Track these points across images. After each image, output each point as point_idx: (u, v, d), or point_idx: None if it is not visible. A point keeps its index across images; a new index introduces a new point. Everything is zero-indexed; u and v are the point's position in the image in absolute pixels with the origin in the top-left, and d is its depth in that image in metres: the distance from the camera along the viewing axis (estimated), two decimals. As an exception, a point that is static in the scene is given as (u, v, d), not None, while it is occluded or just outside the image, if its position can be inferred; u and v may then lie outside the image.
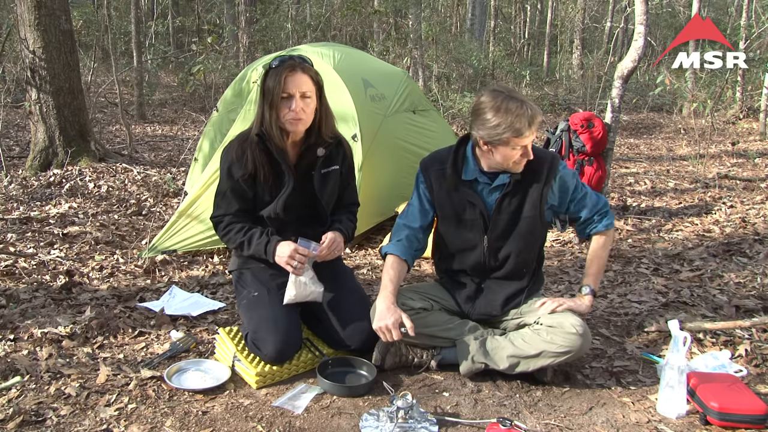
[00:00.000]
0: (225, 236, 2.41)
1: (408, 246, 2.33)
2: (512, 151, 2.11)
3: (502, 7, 19.98)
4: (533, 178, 2.22)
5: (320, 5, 15.20)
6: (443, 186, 2.28)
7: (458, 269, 2.37)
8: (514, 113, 2.05)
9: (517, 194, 2.23)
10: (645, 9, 4.34)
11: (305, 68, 2.28)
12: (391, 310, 2.16)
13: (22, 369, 2.26)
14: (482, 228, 2.26)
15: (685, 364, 2.03)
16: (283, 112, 2.26)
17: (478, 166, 2.24)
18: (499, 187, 2.23)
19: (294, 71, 2.24)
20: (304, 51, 4.26)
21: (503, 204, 2.23)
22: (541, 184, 2.22)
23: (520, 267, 2.31)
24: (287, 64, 2.25)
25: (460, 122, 9.39)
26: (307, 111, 2.28)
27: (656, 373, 2.31)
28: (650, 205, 5.03)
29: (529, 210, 2.23)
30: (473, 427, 1.99)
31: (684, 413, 2.04)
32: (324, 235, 2.36)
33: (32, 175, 5.46)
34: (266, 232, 2.35)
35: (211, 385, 2.18)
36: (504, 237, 2.26)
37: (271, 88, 2.25)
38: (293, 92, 2.23)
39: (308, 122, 2.31)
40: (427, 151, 4.40)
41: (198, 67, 8.19)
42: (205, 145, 4.71)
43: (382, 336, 2.17)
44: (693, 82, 9.76)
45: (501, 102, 2.07)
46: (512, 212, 2.24)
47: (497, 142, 2.10)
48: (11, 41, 7.80)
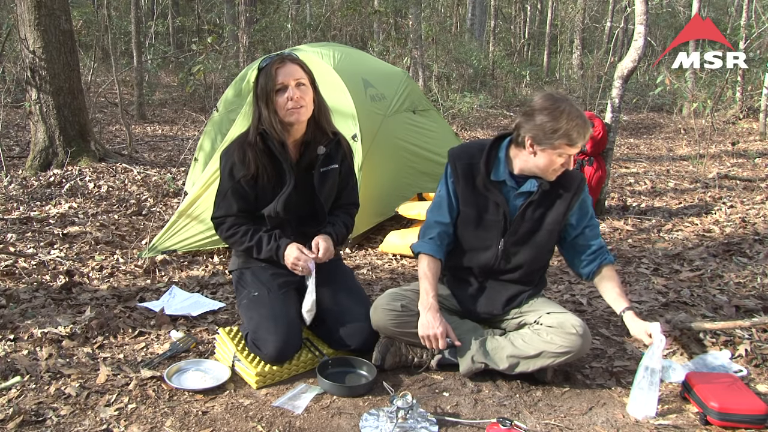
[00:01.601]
0: (230, 238, 2.41)
1: (440, 244, 2.29)
2: (557, 158, 2.08)
3: (502, 7, 19.97)
4: (561, 192, 2.20)
5: (320, 5, 15.20)
6: (469, 182, 2.25)
7: (466, 266, 2.34)
8: (573, 122, 2.03)
9: (542, 204, 2.21)
10: (645, 9, 4.35)
11: (293, 59, 2.30)
12: (438, 319, 2.15)
13: (22, 369, 2.26)
14: (501, 230, 2.24)
15: (659, 367, 2.02)
16: (281, 105, 2.26)
17: (508, 168, 2.22)
18: (525, 194, 2.21)
19: (283, 63, 2.27)
20: (304, 51, 4.27)
21: (527, 211, 2.21)
22: (567, 200, 2.21)
23: (528, 274, 2.31)
24: (274, 59, 2.29)
25: (460, 122, 9.41)
26: (306, 99, 2.28)
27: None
28: (650, 205, 5.03)
29: (550, 222, 2.22)
30: (473, 427, 1.99)
31: (653, 415, 2.03)
32: (313, 241, 2.36)
33: (32, 175, 5.46)
34: (273, 236, 2.35)
35: (211, 385, 2.18)
36: (521, 243, 2.25)
37: (264, 84, 2.26)
38: (287, 82, 2.24)
39: (309, 110, 2.31)
40: (427, 152, 4.49)
41: (198, 67, 8.18)
42: (206, 144, 4.71)
43: (427, 344, 2.17)
44: (693, 82, 9.76)
45: (563, 108, 2.04)
46: (535, 221, 2.22)
47: (547, 146, 2.07)
48: (11, 41, 7.80)
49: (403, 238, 3.75)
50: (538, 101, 2.10)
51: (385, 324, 2.27)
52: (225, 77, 10.50)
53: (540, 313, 2.24)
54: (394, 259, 3.74)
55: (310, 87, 2.31)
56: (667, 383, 2.27)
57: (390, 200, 4.03)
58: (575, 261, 2.31)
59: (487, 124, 10.14)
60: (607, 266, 2.27)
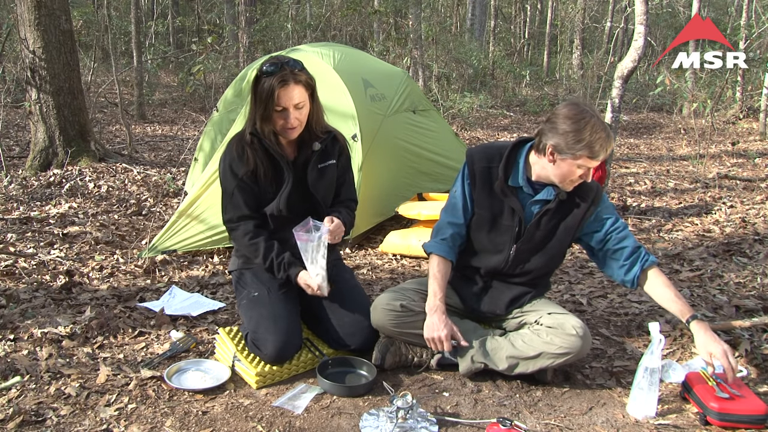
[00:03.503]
0: (249, 248, 2.37)
1: (452, 245, 2.28)
2: (577, 169, 2.06)
3: (502, 7, 19.98)
4: (578, 201, 2.19)
5: (320, 5, 15.21)
6: (486, 185, 2.23)
7: (474, 266, 2.34)
8: (597, 134, 2.00)
9: (558, 213, 2.20)
10: (645, 9, 4.34)
11: (297, 79, 2.21)
12: (443, 321, 2.15)
13: (22, 369, 2.26)
14: (514, 236, 2.23)
15: (658, 367, 2.02)
16: (277, 123, 2.26)
17: (526, 174, 2.20)
18: (541, 201, 2.20)
19: (286, 85, 2.18)
20: (304, 51, 4.27)
21: (543, 219, 2.20)
22: (583, 210, 2.19)
23: (535, 278, 2.31)
24: (278, 76, 2.17)
25: (460, 122, 9.40)
26: (301, 119, 2.27)
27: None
28: (650, 205, 5.03)
29: (563, 232, 2.21)
30: (473, 427, 1.99)
31: (653, 415, 2.04)
32: (327, 217, 2.31)
33: (32, 175, 5.46)
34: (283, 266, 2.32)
35: (211, 385, 2.18)
36: (533, 251, 2.24)
37: (264, 99, 2.20)
38: (287, 106, 2.21)
39: (302, 128, 2.31)
40: (427, 151, 4.49)
41: (198, 67, 8.18)
42: (206, 144, 4.71)
43: (433, 346, 2.17)
44: (693, 82, 9.75)
45: (588, 119, 2.01)
46: (549, 230, 2.21)
47: (568, 155, 2.03)
48: (11, 41, 7.80)
49: (403, 238, 3.76)
50: (564, 110, 2.06)
51: (384, 323, 2.27)
52: (225, 77, 10.50)
53: (541, 313, 2.24)
54: (394, 259, 3.74)
55: (308, 104, 2.28)
56: (666, 383, 2.27)
57: (390, 200, 4.03)
58: (615, 270, 2.22)
59: (487, 124, 10.14)
60: (651, 269, 2.17)
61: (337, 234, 2.31)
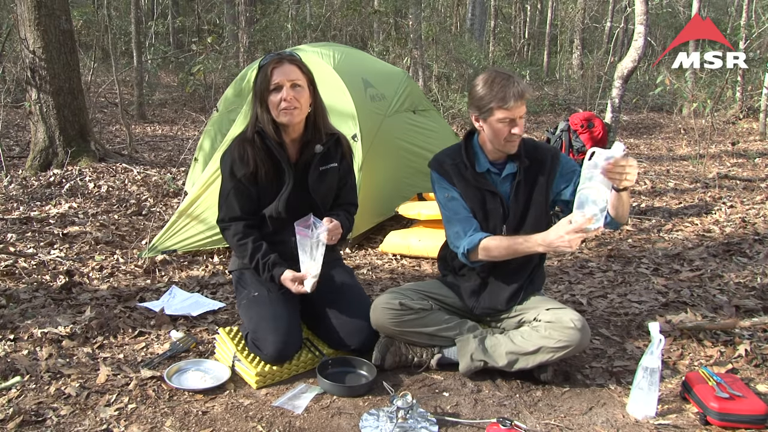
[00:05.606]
0: (238, 249, 2.39)
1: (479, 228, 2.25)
2: (499, 124, 2.15)
3: (502, 7, 19.99)
4: (539, 166, 2.26)
5: (320, 5, 15.21)
6: (461, 179, 2.29)
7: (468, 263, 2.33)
8: (499, 85, 2.12)
9: (527, 182, 2.26)
10: (645, 9, 4.35)
11: (292, 59, 2.29)
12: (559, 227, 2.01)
13: (22, 369, 2.26)
14: (501, 217, 2.28)
15: (658, 367, 2.02)
16: (274, 104, 2.25)
17: (487, 158, 2.28)
18: (509, 177, 2.27)
19: (281, 63, 2.25)
20: (304, 51, 4.27)
21: (519, 192, 2.26)
22: (546, 172, 2.26)
23: (527, 258, 2.29)
24: (273, 57, 2.27)
25: (460, 122, 9.39)
26: (301, 100, 2.26)
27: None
28: (650, 205, 5.03)
29: (537, 196, 2.26)
30: (473, 427, 1.99)
31: (653, 415, 2.04)
32: (327, 218, 2.30)
33: (32, 175, 5.46)
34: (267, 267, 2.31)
35: (211, 385, 2.18)
36: (519, 225, 2.27)
37: (260, 83, 2.26)
38: (281, 82, 2.23)
39: (303, 112, 2.30)
40: (428, 151, 4.48)
41: (198, 67, 8.19)
42: (206, 144, 4.71)
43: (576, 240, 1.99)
44: (693, 82, 9.75)
45: (490, 77, 2.16)
46: (525, 200, 2.27)
47: (486, 115, 2.16)
48: (11, 41, 7.80)
49: (403, 238, 3.76)
50: (475, 80, 2.22)
51: (384, 323, 2.27)
52: (225, 77, 10.50)
53: (539, 310, 2.24)
54: (394, 259, 3.74)
55: (306, 89, 2.29)
56: (666, 383, 2.27)
57: (390, 200, 4.03)
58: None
59: (487, 124, 10.12)
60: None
61: (334, 234, 2.30)
